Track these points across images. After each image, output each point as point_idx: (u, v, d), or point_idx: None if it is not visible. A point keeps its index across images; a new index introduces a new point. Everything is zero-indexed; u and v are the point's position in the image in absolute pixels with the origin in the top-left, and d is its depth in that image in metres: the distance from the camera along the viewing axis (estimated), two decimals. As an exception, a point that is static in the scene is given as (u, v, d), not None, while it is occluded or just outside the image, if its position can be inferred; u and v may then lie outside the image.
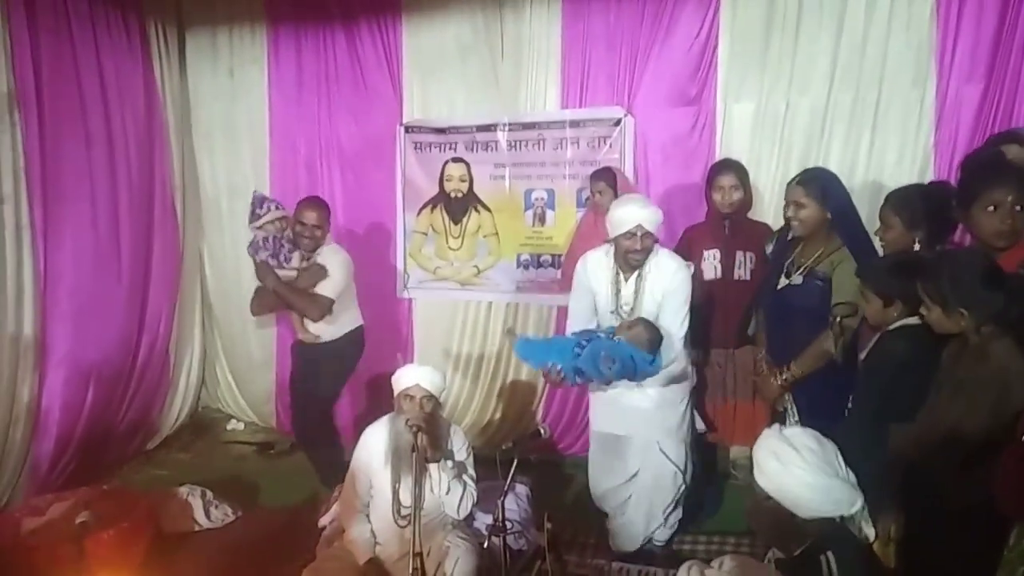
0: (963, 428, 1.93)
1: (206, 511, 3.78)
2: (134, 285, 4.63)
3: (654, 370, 2.94)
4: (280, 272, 3.80)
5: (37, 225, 3.96)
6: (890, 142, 3.73)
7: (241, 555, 3.46)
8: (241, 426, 5.18)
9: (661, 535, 3.29)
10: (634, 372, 2.90)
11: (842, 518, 1.70)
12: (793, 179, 2.98)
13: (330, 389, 4.03)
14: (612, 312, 3.12)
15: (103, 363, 4.40)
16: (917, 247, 2.55)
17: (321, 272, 3.79)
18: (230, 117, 5.01)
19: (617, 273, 3.11)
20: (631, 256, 3.01)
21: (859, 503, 1.69)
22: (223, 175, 5.09)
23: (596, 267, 3.16)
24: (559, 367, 2.92)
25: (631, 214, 2.95)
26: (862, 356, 2.48)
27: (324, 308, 3.79)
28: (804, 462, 1.69)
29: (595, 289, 3.16)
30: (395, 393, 2.95)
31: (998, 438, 1.83)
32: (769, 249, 3.33)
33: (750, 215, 3.66)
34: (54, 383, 4.09)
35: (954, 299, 2.01)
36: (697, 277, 3.37)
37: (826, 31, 3.77)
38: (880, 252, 2.75)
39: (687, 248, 3.56)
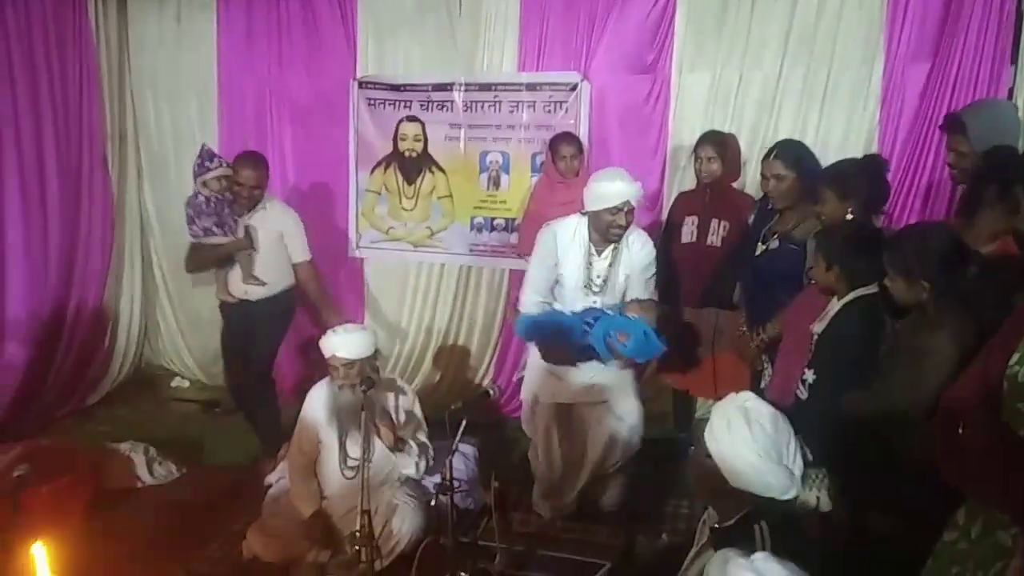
0: (918, 393, 1.99)
1: (149, 468, 3.73)
2: (63, 240, 4.49)
3: (661, 349, 2.99)
4: (218, 240, 3.70)
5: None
6: (837, 118, 3.81)
7: (186, 512, 3.44)
8: (186, 384, 5.10)
9: (609, 499, 3.36)
10: (646, 349, 2.94)
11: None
12: (769, 152, 3.07)
13: (265, 351, 3.91)
14: (584, 287, 3.12)
15: (30, 319, 4.28)
16: (850, 216, 2.63)
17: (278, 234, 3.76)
18: (176, 65, 4.83)
19: (589, 248, 3.11)
20: (613, 231, 3.02)
21: (792, 492, 1.74)
22: (168, 125, 4.93)
23: (567, 238, 3.13)
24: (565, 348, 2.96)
25: (619, 189, 2.95)
26: (817, 328, 2.48)
27: (317, 272, 3.89)
28: (751, 438, 1.72)
29: (561, 262, 3.14)
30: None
31: None
32: (751, 219, 3.40)
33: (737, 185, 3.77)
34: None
35: (918, 271, 2.08)
36: (675, 239, 3.57)
37: (781, 6, 3.81)
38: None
39: (674, 212, 3.68)
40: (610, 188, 2.97)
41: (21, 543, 2.73)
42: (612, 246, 3.10)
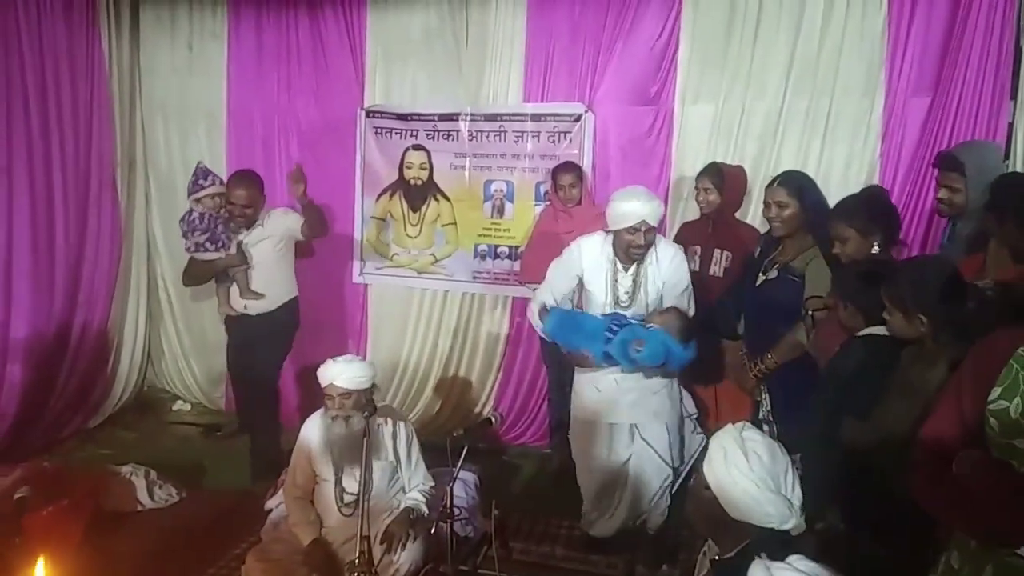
0: (907, 428, 1.95)
1: (149, 491, 3.72)
2: (68, 263, 4.53)
3: (687, 357, 2.96)
4: (210, 256, 3.73)
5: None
6: (839, 150, 3.84)
7: (185, 536, 3.43)
8: (188, 407, 5.11)
9: (652, 522, 3.31)
10: (666, 359, 2.92)
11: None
12: (774, 180, 3.09)
13: (269, 364, 3.93)
14: (610, 304, 3.11)
15: (34, 340, 4.30)
16: (876, 250, 2.62)
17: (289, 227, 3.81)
18: (187, 92, 4.92)
19: (615, 264, 3.11)
20: (633, 251, 3.02)
21: (792, 522, 1.73)
22: (178, 152, 4.99)
23: (592, 254, 3.12)
24: (588, 352, 2.96)
25: (634, 209, 2.94)
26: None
27: (325, 220, 3.86)
28: (748, 467, 1.71)
29: (587, 278, 3.13)
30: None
31: None
32: (757, 252, 3.42)
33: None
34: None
35: (914, 305, 2.03)
36: None
37: (783, 39, 3.87)
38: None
39: (677, 243, 3.66)
40: (626, 208, 2.95)
41: (21, 566, 2.74)
42: (635, 263, 3.10)
